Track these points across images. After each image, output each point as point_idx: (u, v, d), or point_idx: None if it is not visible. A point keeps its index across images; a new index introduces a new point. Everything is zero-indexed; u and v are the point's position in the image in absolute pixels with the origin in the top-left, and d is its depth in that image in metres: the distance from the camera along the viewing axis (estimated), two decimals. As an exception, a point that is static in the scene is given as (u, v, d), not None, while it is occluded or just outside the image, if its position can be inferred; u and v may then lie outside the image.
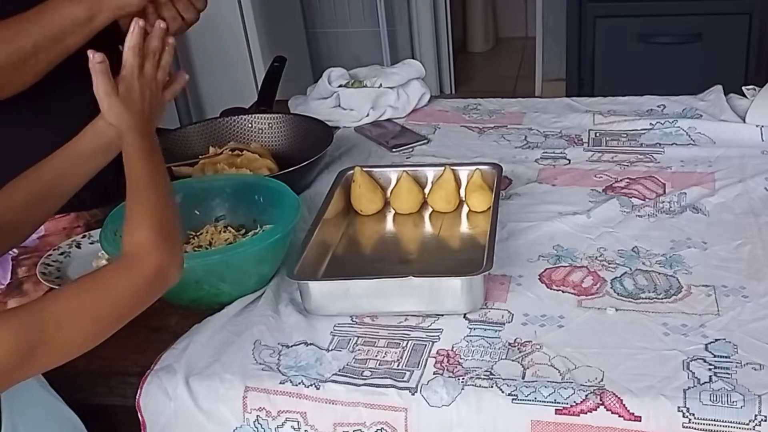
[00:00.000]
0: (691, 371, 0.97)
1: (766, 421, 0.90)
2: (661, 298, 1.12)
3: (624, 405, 0.94)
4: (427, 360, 1.03)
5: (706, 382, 0.95)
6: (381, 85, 1.79)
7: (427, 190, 1.40)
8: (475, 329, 1.08)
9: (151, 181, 0.97)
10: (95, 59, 0.99)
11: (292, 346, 1.08)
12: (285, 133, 1.60)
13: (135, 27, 1.04)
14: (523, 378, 0.99)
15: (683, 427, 0.92)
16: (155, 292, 0.92)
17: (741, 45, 2.79)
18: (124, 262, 0.90)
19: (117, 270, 0.90)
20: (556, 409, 0.95)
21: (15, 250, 1.29)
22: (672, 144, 1.57)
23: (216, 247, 1.24)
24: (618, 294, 1.13)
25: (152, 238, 0.90)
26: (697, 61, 2.81)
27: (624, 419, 0.93)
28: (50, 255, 1.32)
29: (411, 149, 1.64)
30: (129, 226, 0.93)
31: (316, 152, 1.47)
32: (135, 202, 0.95)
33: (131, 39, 1.04)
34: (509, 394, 0.97)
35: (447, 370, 1.01)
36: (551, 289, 1.16)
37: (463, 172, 1.38)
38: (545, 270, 1.20)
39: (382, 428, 1.00)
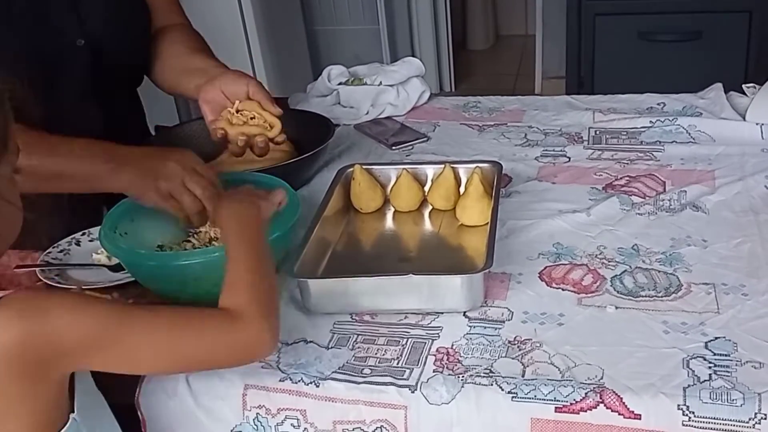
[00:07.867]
0: (690, 369, 0.97)
1: (765, 419, 0.90)
2: (661, 296, 1.11)
3: (624, 403, 0.94)
4: (426, 358, 1.03)
5: (705, 380, 0.95)
6: (381, 82, 1.79)
7: (426, 188, 1.40)
8: (474, 327, 1.08)
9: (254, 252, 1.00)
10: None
11: (291, 343, 1.08)
12: (286, 129, 1.59)
13: None
14: (522, 376, 0.99)
15: (683, 425, 0.92)
16: (246, 358, 0.94)
17: (741, 43, 2.79)
18: (227, 317, 0.91)
19: (218, 321, 0.90)
20: (555, 407, 0.95)
21: None
22: (672, 142, 1.57)
23: (216, 245, 1.24)
24: (618, 292, 1.13)
25: (259, 308, 0.92)
26: (697, 58, 2.81)
27: (624, 417, 0.93)
28: (50, 253, 1.32)
29: (411, 147, 1.64)
30: (234, 288, 0.94)
31: (318, 145, 1.47)
32: (240, 269, 0.97)
33: None
34: (509, 392, 0.97)
35: (447, 368, 1.01)
36: (551, 287, 1.15)
37: (463, 170, 1.38)
38: (545, 268, 1.20)
39: (382, 426, 1.00)
